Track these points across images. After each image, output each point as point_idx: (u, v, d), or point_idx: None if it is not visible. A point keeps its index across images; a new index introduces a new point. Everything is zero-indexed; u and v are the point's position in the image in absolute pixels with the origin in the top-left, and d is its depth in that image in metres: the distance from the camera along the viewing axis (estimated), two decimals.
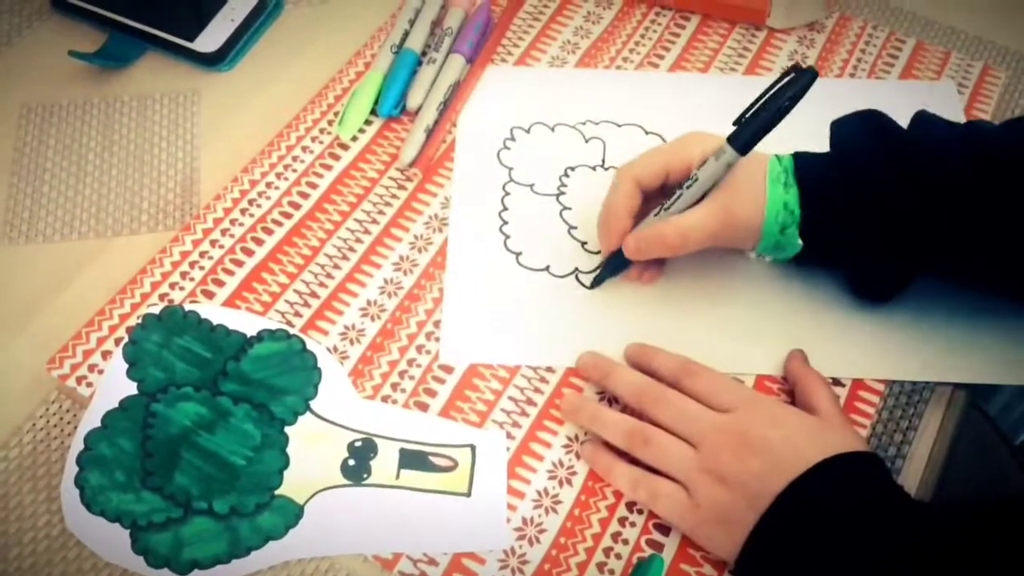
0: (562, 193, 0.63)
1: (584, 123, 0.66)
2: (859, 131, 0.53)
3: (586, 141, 0.65)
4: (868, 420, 0.53)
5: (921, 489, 0.52)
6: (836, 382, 0.54)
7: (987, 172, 0.49)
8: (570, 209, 0.62)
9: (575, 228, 0.61)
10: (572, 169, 0.64)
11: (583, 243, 0.60)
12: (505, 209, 0.62)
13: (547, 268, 0.59)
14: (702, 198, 0.52)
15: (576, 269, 0.59)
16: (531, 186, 0.63)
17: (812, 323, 0.56)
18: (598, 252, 0.59)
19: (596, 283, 0.58)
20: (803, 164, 0.53)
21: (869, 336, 0.56)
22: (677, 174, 0.54)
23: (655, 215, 0.54)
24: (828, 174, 0.52)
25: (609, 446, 0.51)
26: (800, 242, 0.53)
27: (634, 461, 0.50)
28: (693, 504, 0.48)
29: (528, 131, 0.66)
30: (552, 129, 0.66)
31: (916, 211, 0.50)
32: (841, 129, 0.54)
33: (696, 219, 0.52)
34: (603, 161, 0.64)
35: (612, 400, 0.54)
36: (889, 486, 0.47)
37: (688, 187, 0.52)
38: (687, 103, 0.67)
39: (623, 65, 0.69)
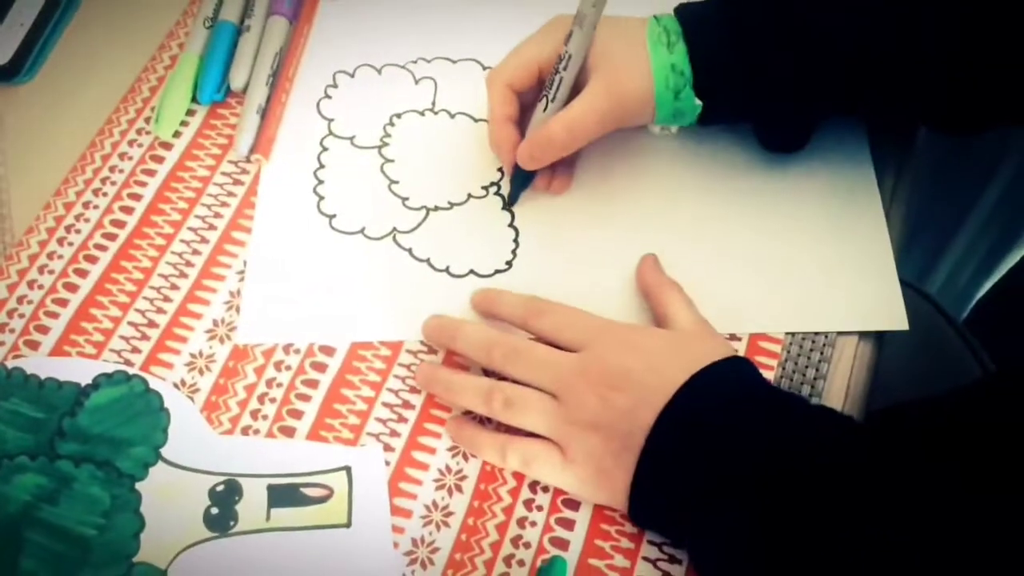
0: (385, 144, 0.56)
1: (416, 61, 0.59)
2: None
3: (416, 82, 0.58)
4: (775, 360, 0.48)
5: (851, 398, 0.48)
6: (733, 337, 0.49)
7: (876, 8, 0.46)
8: (392, 162, 0.56)
9: (396, 183, 0.55)
10: (398, 116, 0.57)
11: (404, 199, 0.54)
12: (321, 167, 0.56)
13: (362, 230, 0.53)
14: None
15: (394, 229, 0.53)
16: (351, 139, 0.57)
17: (704, 283, 0.50)
18: (420, 208, 0.54)
19: (510, 203, 0.54)
20: (687, 19, 0.48)
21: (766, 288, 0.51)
22: (550, 64, 0.49)
23: (542, 111, 0.50)
24: (713, 23, 0.47)
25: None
26: (699, 102, 0.48)
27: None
28: (568, 461, 0.43)
29: (353, 75, 0.59)
30: (379, 71, 0.59)
31: (806, 54, 0.46)
32: None
33: (580, 109, 0.48)
34: (433, 104, 0.58)
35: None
36: (760, 388, 0.43)
37: (564, 68, 0.48)
38: (528, 30, 0.60)
39: None
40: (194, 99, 0.58)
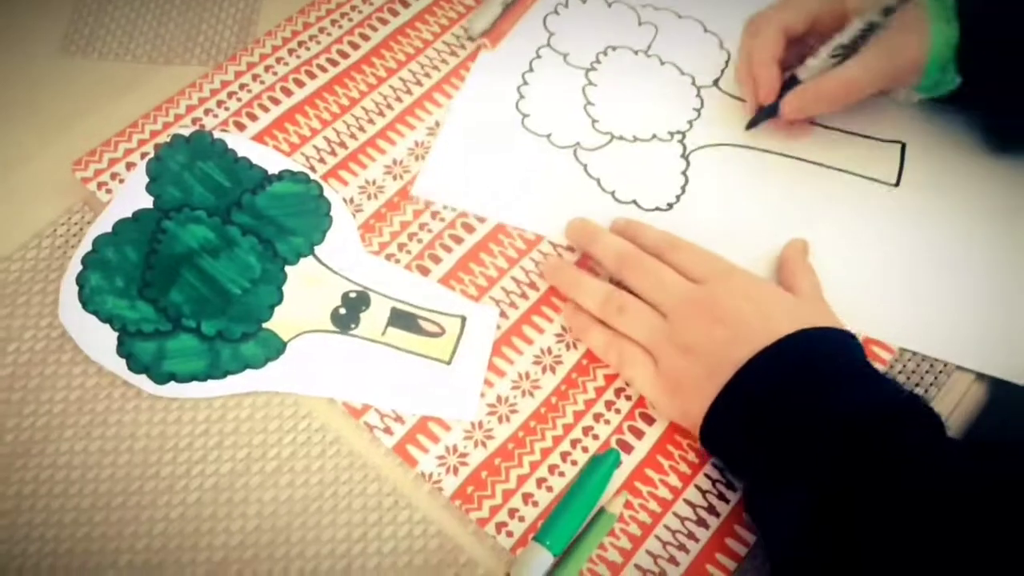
0: (593, 69, 0.60)
1: (645, 6, 0.63)
2: None
3: (639, 24, 0.62)
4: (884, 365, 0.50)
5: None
6: None
7: None
8: (595, 86, 0.60)
9: (592, 105, 0.59)
10: (613, 48, 0.61)
11: (595, 121, 0.58)
12: (531, 70, 0.60)
13: (549, 136, 0.58)
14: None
15: (577, 144, 0.57)
16: (565, 55, 0.61)
17: (841, 278, 0.52)
18: (606, 133, 0.58)
19: (749, 127, 0.57)
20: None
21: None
22: (825, 25, 0.53)
23: (833, 63, 0.53)
24: (990, 4, 0.50)
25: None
26: (958, 78, 0.51)
27: None
28: (658, 373, 0.47)
29: (585, 1, 0.64)
30: (609, 4, 0.64)
31: None
32: None
33: (859, 68, 0.51)
34: (648, 48, 0.61)
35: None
36: (860, 361, 0.45)
37: (870, 34, 0.52)
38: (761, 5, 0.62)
39: None
40: None
